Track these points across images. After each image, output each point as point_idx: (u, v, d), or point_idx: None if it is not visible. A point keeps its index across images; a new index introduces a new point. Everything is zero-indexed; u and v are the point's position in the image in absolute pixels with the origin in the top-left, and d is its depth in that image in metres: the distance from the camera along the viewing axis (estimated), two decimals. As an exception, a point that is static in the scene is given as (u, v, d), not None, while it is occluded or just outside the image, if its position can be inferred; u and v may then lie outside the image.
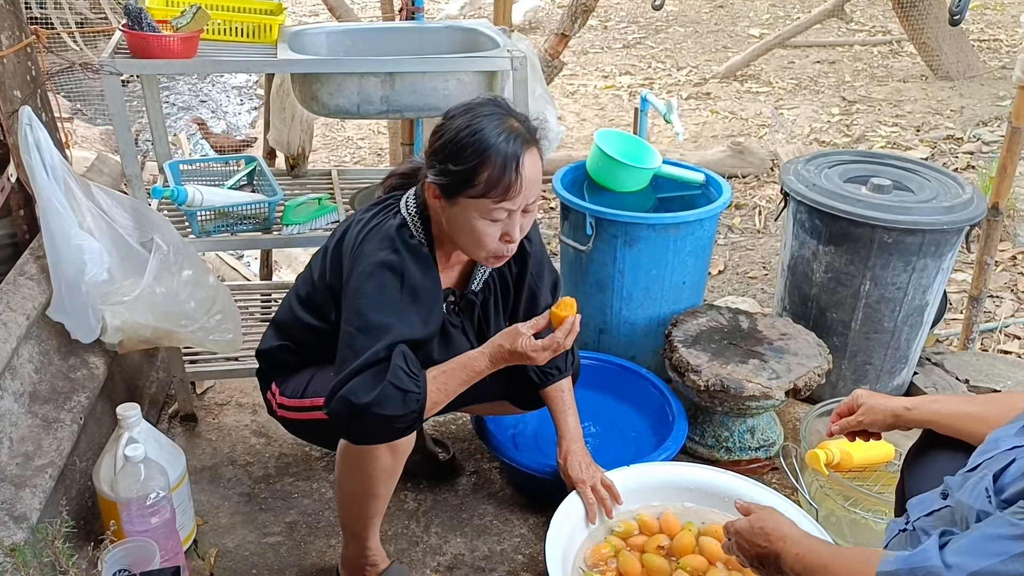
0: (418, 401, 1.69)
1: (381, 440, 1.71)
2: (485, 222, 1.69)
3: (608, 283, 2.69)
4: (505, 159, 1.64)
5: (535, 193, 1.72)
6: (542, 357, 1.80)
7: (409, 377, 1.66)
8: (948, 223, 2.42)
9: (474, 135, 1.64)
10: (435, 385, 1.74)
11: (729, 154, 5.30)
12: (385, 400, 1.64)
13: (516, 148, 1.65)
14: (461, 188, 1.67)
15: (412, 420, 1.70)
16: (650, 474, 2.13)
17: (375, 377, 1.65)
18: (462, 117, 1.68)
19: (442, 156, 1.68)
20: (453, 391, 1.80)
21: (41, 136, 2.06)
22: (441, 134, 1.69)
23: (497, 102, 1.73)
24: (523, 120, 1.72)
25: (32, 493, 1.87)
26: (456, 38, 2.61)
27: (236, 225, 2.39)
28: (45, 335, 2.17)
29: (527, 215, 1.74)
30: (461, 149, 1.65)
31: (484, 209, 1.67)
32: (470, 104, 1.71)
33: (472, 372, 1.81)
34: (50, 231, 2.07)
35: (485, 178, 1.64)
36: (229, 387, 2.79)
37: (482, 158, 1.63)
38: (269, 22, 2.38)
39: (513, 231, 1.72)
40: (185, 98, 7.31)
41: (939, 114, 6.18)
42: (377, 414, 1.64)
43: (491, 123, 1.66)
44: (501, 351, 1.80)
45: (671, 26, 9.17)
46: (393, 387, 1.64)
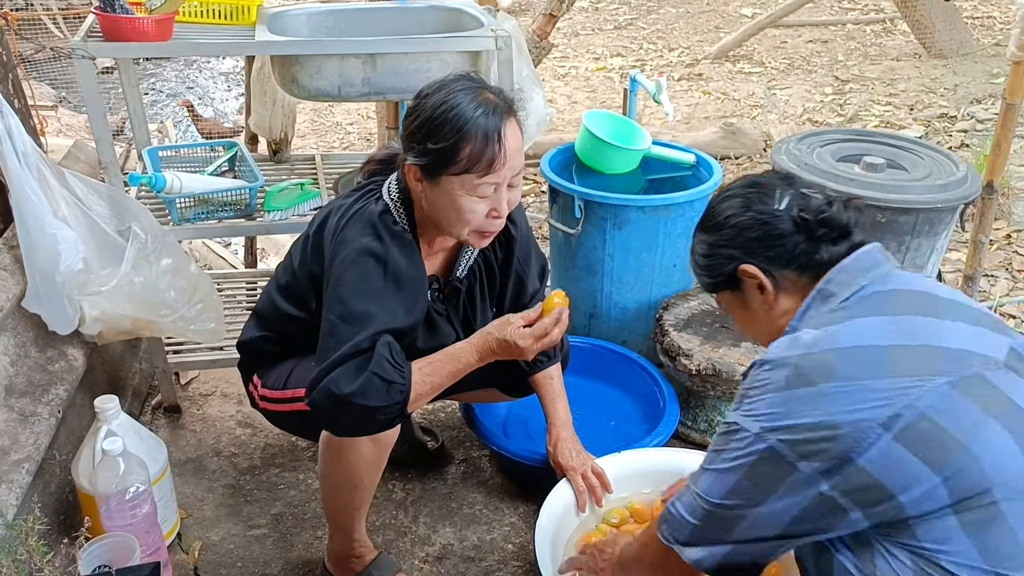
0: (402, 392, 1.64)
1: (364, 432, 1.67)
2: (472, 199, 1.64)
3: (598, 267, 2.65)
4: (486, 132, 1.59)
5: (519, 164, 1.67)
6: (531, 347, 1.75)
7: (394, 368, 1.62)
8: (942, 201, 2.38)
9: (451, 111, 1.59)
10: (420, 377, 1.70)
11: (721, 135, 5.25)
12: (369, 390, 1.59)
13: (496, 120, 1.60)
14: (443, 166, 1.62)
15: (395, 412, 1.66)
16: (641, 460, 2.09)
17: (358, 367, 1.60)
18: (436, 94, 1.63)
19: (420, 136, 1.63)
20: (439, 384, 1.75)
21: (12, 123, 2.00)
22: (416, 114, 1.64)
23: (470, 76, 1.69)
24: (498, 92, 1.67)
25: (8, 488, 1.82)
26: (440, 18, 2.55)
27: (217, 212, 2.34)
28: (21, 327, 2.12)
29: (513, 189, 1.70)
30: (439, 126, 1.60)
31: (469, 185, 1.62)
32: (442, 81, 1.66)
33: (459, 364, 1.76)
34: (23, 220, 2.02)
35: (467, 153, 1.59)
36: (214, 377, 2.75)
37: (462, 133, 1.59)
38: (247, 3, 2.32)
39: (500, 206, 1.68)
40: (172, 85, 7.24)
41: (933, 92, 6.13)
42: (360, 405, 1.59)
43: (466, 97, 1.61)
44: (489, 341, 1.76)
45: (663, 7, 9.10)
46: (377, 377, 1.60)
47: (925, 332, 1.24)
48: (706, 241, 1.48)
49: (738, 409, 1.30)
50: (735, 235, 1.42)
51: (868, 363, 1.20)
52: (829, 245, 1.37)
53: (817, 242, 1.37)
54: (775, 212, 1.40)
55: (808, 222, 1.37)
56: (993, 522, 1.14)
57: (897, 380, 1.18)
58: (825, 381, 1.20)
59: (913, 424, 1.15)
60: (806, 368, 1.23)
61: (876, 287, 1.32)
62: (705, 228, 1.49)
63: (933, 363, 1.19)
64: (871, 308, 1.29)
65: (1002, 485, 1.14)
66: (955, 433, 1.14)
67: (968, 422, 1.15)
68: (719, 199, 1.48)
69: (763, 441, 1.23)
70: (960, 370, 1.19)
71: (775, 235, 1.39)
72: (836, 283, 1.34)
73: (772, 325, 1.43)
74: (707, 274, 1.50)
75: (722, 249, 1.44)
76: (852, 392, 1.18)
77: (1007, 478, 1.14)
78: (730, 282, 1.46)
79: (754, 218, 1.41)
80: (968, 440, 1.14)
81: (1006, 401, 1.18)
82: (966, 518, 1.14)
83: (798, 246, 1.38)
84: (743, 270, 1.42)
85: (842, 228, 1.38)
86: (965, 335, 1.24)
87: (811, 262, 1.37)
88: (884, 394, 1.17)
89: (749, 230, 1.41)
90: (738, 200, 1.44)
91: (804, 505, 1.22)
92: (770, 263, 1.40)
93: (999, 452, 1.15)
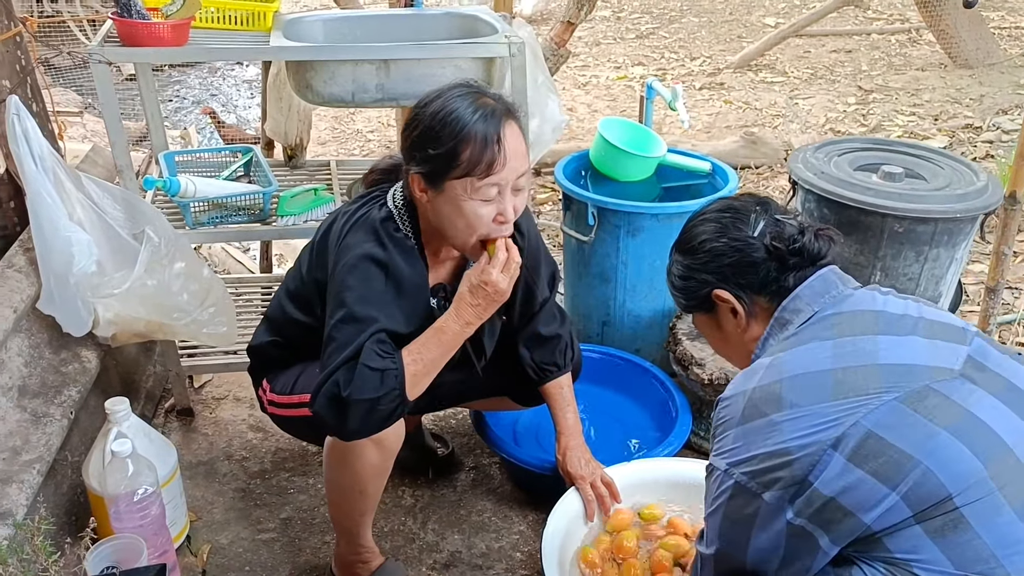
0: (396, 377, 1.62)
1: (371, 429, 1.65)
2: (476, 203, 1.63)
3: (611, 274, 2.63)
4: (485, 133, 1.59)
5: (522, 166, 1.66)
6: (498, 278, 1.67)
7: (381, 357, 1.61)
8: (961, 211, 2.34)
9: (449, 115, 1.60)
10: (411, 357, 1.66)
11: (742, 144, 5.21)
12: (362, 383, 1.58)
13: (494, 122, 1.60)
14: (445, 172, 1.61)
15: (395, 400, 1.63)
16: (652, 470, 2.07)
17: (353, 367, 1.60)
18: (434, 103, 1.64)
19: (420, 144, 1.63)
20: (431, 361, 1.70)
21: (29, 126, 2.03)
22: (416, 124, 1.65)
23: (468, 83, 1.69)
24: (497, 97, 1.67)
25: (19, 489, 1.84)
26: (454, 24, 2.55)
27: (231, 216, 2.36)
28: (36, 328, 2.14)
29: (518, 194, 1.69)
30: (438, 132, 1.60)
31: (472, 188, 1.62)
32: (440, 90, 1.67)
33: (446, 334, 1.70)
34: (39, 222, 2.04)
35: (467, 156, 1.59)
36: (227, 381, 2.76)
37: (460, 136, 1.59)
38: (263, 9, 2.34)
39: (506, 210, 1.66)
40: (196, 92, 7.31)
41: (958, 103, 6.05)
42: (357, 400, 1.59)
43: (464, 102, 1.61)
44: (463, 297, 1.70)
45: (685, 16, 9.07)
46: (367, 368, 1.59)
47: (870, 352, 1.26)
48: (682, 263, 1.51)
49: (712, 450, 1.34)
50: (709, 260, 1.45)
51: (814, 389, 1.24)
52: (797, 272, 1.40)
53: (787, 270, 1.40)
54: (749, 239, 1.42)
55: (780, 251, 1.40)
56: (957, 527, 1.15)
57: (842, 402, 1.20)
58: (775, 411, 1.24)
59: (862, 442, 1.18)
60: (757, 400, 1.27)
61: (827, 311, 1.35)
62: (681, 250, 1.52)
63: (879, 381, 1.21)
64: (818, 333, 1.32)
65: (961, 492, 1.15)
66: (904, 447, 1.16)
67: (917, 435, 1.17)
68: (695, 222, 1.50)
69: (730, 477, 1.27)
70: (907, 385, 1.21)
71: (748, 262, 1.42)
72: (790, 311, 1.38)
73: (744, 348, 1.46)
74: (682, 296, 1.53)
75: (697, 273, 1.47)
76: (800, 418, 1.21)
77: (965, 484, 1.15)
78: (704, 305, 1.49)
79: (728, 244, 1.43)
80: (918, 452, 1.16)
81: (958, 409, 1.19)
82: (930, 526, 1.16)
83: (770, 273, 1.41)
84: (717, 295, 1.45)
85: (813, 257, 1.40)
86: (916, 350, 1.26)
87: (781, 289, 1.40)
88: (831, 417, 1.20)
89: (723, 256, 1.43)
90: (713, 225, 1.46)
91: (781, 540, 1.24)
92: (743, 289, 1.43)
93: (952, 460, 1.16)
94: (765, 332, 1.40)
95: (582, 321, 2.80)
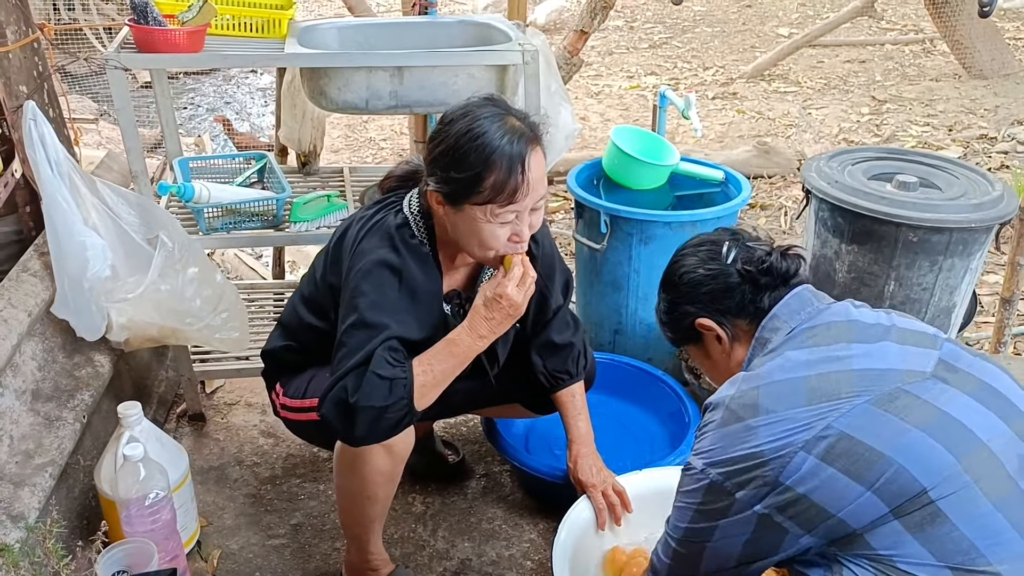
0: (405, 387, 1.62)
1: (377, 436, 1.65)
2: (493, 226, 1.63)
3: (623, 282, 2.63)
4: (511, 162, 1.57)
5: (542, 191, 1.66)
6: (513, 292, 1.67)
7: (391, 365, 1.61)
8: (976, 221, 2.32)
9: (476, 140, 1.57)
10: (420, 367, 1.66)
11: (755, 154, 5.20)
12: (371, 391, 1.58)
13: (520, 149, 1.58)
14: (466, 196, 1.60)
15: (403, 410, 1.63)
16: (664, 479, 2.05)
17: (362, 373, 1.60)
18: (461, 121, 1.60)
19: (443, 164, 1.61)
20: (441, 373, 1.69)
21: (46, 131, 2.04)
22: (440, 140, 1.62)
23: (495, 101, 1.66)
24: (523, 118, 1.65)
25: (31, 492, 1.84)
26: (468, 32, 2.56)
27: (244, 222, 2.36)
28: (49, 332, 2.15)
29: (535, 213, 1.68)
30: (463, 156, 1.58)
31: (491, 214, 1.61)
32: (467, 106, 1.64)
33: (459, 346, 1.69)
34: (54, 227, 2.05)
35: (490, 184, 1.58)
36: (239, 387, 2.76)
37: (486, 164, 1.57)
38: (278, 17, 2.35)
39: (523, 231, 1.67)
40: (210, 100, 7.35)
41: (972, 113, 6.03)
42: (364, 407, 1.58)
43: (492, 125, 1.59)
44: (477, 311, 1.70)
45: (698, 26, 9.08)
46: (376, 376, 1.59)
47: (843, 358, 1.31)
48: (666, 299, 1.60)
49: (692, 451, 1.40)
50: (690, 291, 1.53)
51: (788, 395, 1.29)
52: (771, 292, 1.47)
53: (760, 290, 1.47)
54: (724, 267, 1.51)
55: (751, 272, 1.47)
56: (935, 520, 1.19)
57: (816, 407, 1.26)
58: (752, 416, 1.30)
59: (834, 443, 1.22)
60: (735, 406, 1.33)
61: (803, 326, 1.41)
62: (665, 287, 1.61)
63: (851, 385, 1.27)
64: (795, 345, 1.38)
65: (935, 486, 1.19)
66: (875, 445, 1.21)
67: (887, 433, 1.22)
68: (676, 259, 1.59)
69: (706, 476, 1.33)
70: (879, 388, 1.26)
71: (724, 288, 1.50)
72: (768, 329, 1.44)
73: (732, 372, 1.50)
74: (669, 329, 1.62)
75: (680, 305, 1.55)
76: (774, 423, 1.27)
77: (939, 478, 1.19)
78: (691, 335, 1.57)
79: (704, 274, 1.52)
80: (888, 449, 1.21)
81: (929, 408, 1.24)
82: (908, 521, 1.20)
83: (746, 296, 1.48)
84: (700, 323, 1.53)
85: (782, 275, 1.47)
86: (888, 355, 1.32)
87: (758, 310, 1.47)
88: (804, 421, 1.25)
89: (701, 285, 1.52)
90: (692, 259, 1.55)
91: (748, 529, 1.30)
92: (723, 315, 1.51)
93: (924, 457, 1.20)
94: (748, 353, 1.47)
95: (594, 329, 2.80)
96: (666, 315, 1.61)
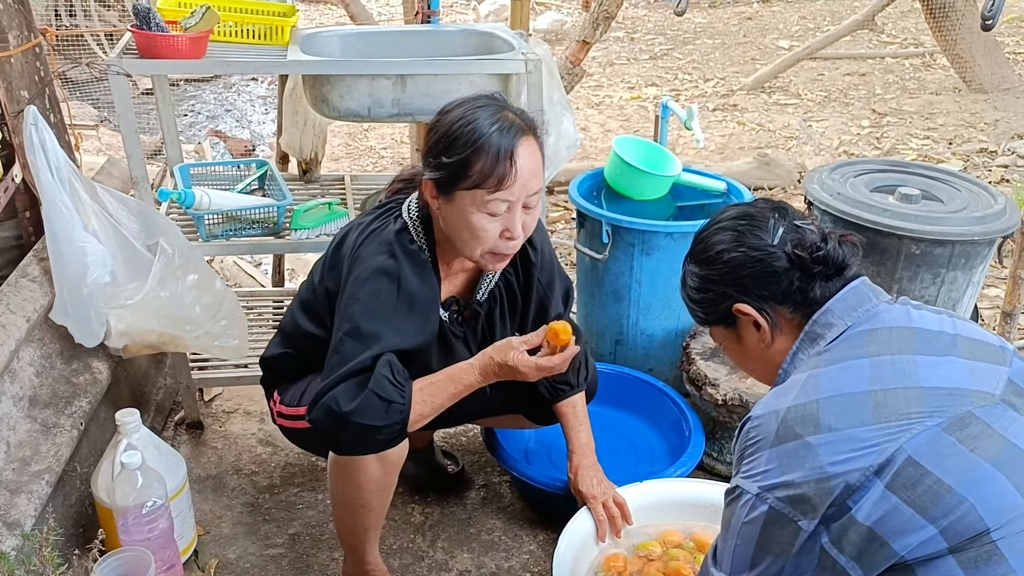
0: (402, 412, 1.63)
1: (364, 451, 1.65)
2: (483, 216, 1.63)
3: (625, 293, 2.62)
4: (499, 148, 1.58)
5: (535, 185, 1.65)
6: (534, 375, 1.74)
7: (394, 387, 1.61)
8: (979, 234, 2.32)
9: (467, 125, 1.59)
10: (421, 397, 1.68)
11: (756, 166, 5.20)
12: (367, 409, 1.58)
13: (510, 137, 1.60)
14: (456, 181, 1.61)
15: (395, 432, 1.64)
16: (664, 491, 2.04)
17: (359, 385, 1.59)
18: (456, 110, 1.64)
19: (436, 150, 1.63)
20: (440, 404, 1.73)
21: (47, 137, 2.03)
22: (435, 129, 1.65)
23: (494, 96, 1.69)
24: (519, 112, 1.67)
25: (27, 499, 1.83)
26: (471, 41, 2.56)
27: (245, 229, 2.35)
28: (48, 338, 2.14)
29: (529, 211, 1.68)
30: (454, 141, 1.60)
31: (480, 202, 1.61)
32: (465, 98, 1.67)
33: (461, 385, 1.75)
34: (53, 232, 2.04)
35: (479, 168, 1.59)
36: (237, 395, 2.75)
37: (475, 147, 1.58)
38: (280, 24, 2.35)
39: (514, 227, 1.66)
40: (211, 107, 7.35)
41: (972, 127, 6.04)
42: (358, 423, 1.58)
43: (484, 113, 1.61)
44: (491, 364, 1.74)
45: (699, 38, 9.10)
46: (376, 396, 1.58)
47: (910, 373, 1.20)
48: (698, 275, 1.43)
49: (738, 472, 1.27)
50: (728, 271, 1.37)
51: (852, 411, 1.18)
52: (823, 282, 1.33)
53: (812, 279, 1.33)
54: (769, 248, 1.35)
55: (803, 259, 1.32)
56: (990, 560, 1.10)
57: (884, 426, 1.15)
58: (812, 433, 1.18)
59: (902, 470, 1.12)
60: (791, 421, 1.21)
61: (861, 326, 1.28)
62: (696, 260, 1.44)
63: (920, 404, 1.16)
64: (853, 350, 1.25)
65: (1000, 526, 1.10)
66: (944, 477, 1.12)
67: (957, 466, 1.12)
68: (710, 230, 1.43)
69: (763, 502, 1.20)
70: (949, 410, 1.15)
71: (769, 273, 1.34)
72: (821, 324, 1.31)
73: (769, 363, 1.40)
74: (700, 309, 1.46)
75: (715, 286, 1.39)
76: (838, 442, 1.16)
77: (1005, 519, 1.11)
78: (724, 319, 1.42)
79: (747, 254, 1.35)
80: (960, 485, 1.11)
81: (999, 440, 1.14)
82: (963, 557, 1.11)
83: (793, 284, 1.33)
84: (738, 309, 1.37)
85: (838, 265, 1.33)
86: (957, 371, 1.21)
87: (805, 300, 1.33)
88: (871, 441, 1.14)
89: (743, 267, 1.36)
90: (729, 233, 1.38)
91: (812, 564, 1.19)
92: (765, 301, 1.36)
93: (994, 495, 1.11)
94: (794, 346, 1.34)
95: (595, 339, 2.78)
96: (696, 292, 1.43)
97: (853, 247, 1.35)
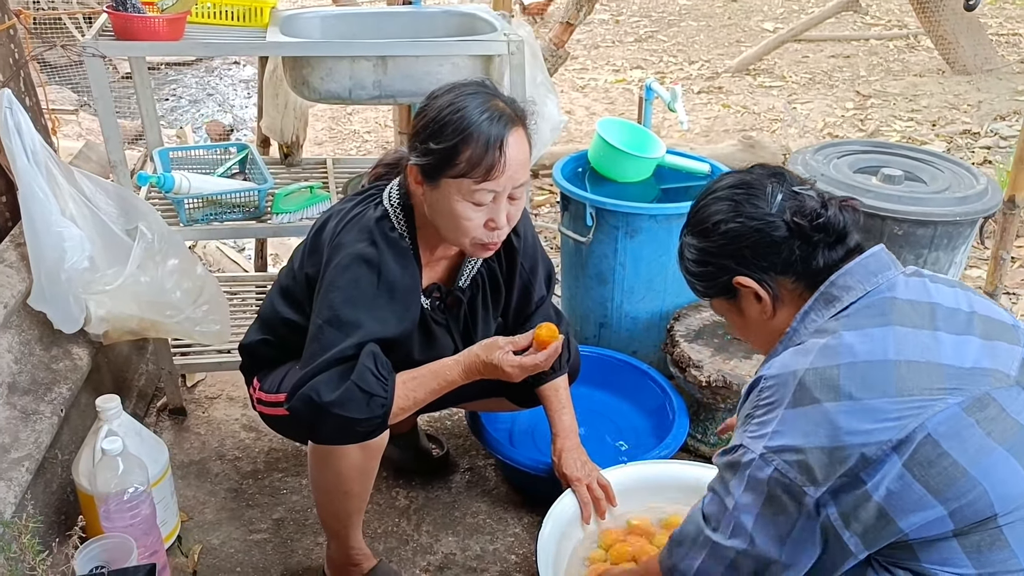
0: (383, 406, 1.62)
1: (343, 441, 1.65)
2: (468, 205, 1.61)
3: (609, 275, 2.61)
4: (488, 138, 1.57)
5: (521, 176, 1.64)
6: (517, 375, 1.74)
7: (376, 380, 1.60)
8: (961, 214, 2.33)
9: (456, 113, 1.57)
10: (403, 391, 1.68)
11: (740, 148, 5.19)
12: (348, 401, 1.57)
13: (500, 127, 1.58)
14: (443, 168, 1.59)
15: (376, 424, 1.64)
16: (648, 472, 2.05)
17: (340, 376, 1.58)
18: (445, 96, 1.61)
19: (424, 136, 1.61)
20: (423, 399, 1.73)
21: (22, 119, 2.00)
22: (424, 114, 1.63)
23: (483, 83, 1.67)
24: (510, 102, 1.65)
25: (7, 486, 1.81)
26: (453, 23, 2.54)
27: (225, 214, 2.33)
28: (26, 325, 2.11)
29: (514, 202, 1.67)
30: (443, 127, 1.58)
31: (466, 191, 1.60)
32: (454, 84, 1.65)
33: (444, 381, 1.75)
34: (30, 217, 2.01)
35: (467, 157, 1.57)
36: (220, 380, 2.73)
37: (464, 136, 1.56)
38: (260, 5, 2.32)
39: (499, 217, 1.65)
40: (192, 91, 7.28)
41: (956, 108, 6.05)
42: (338, 415, 1.58)
43: (474, 101, 1.59)
44: (476, 361, 1.74)
45: (684, 20, 9.07)
46: (358, 389, 1.58)
47: (931, 347, 1.17)
48: (695, 247, 1.39)
49: (744, 431, 1.24)
50: (726, 243, 1.33)
51: (874, 380, 1.15)
52: (825, 250, 1.30)
53: (813, 247, 1.29)
54: (768, 217, 1.31)
55: (803, 227, 1.28)
56: (993, 545, 1.12)
57: (905, 400, 1.12)
58: (830, 399, 1.15)
59: (920, 447, 1.11)
60: (810, 383, 1.18)
61: (881, 293, 1.25)
62: (694, 232, 1.40)
63: (942, 381, 1.14)
64: (875, 317, 1.22)
65: (1007, 512, 1.11)
66: (959, 459, 1.11)
67: (974, 448, 1.11)
68: (706, 200, 1.39)
69: (768, 463, 1.18)
70: (969, 389, 1.14)
71: (769, 243, 1.30)
72: (839, 287, 1.27)
73: (771, 332, 1.37)
74: (699, 282, 1.42)
75: (714, 258, 1.36)
76: (858, 412, 1.13)
77: (1013, 505, 1.11)
78: (725, 291, 1.39)
79: (745, 224, 1.31)
80: (973, 468, 1.10)
81: (1012, 424, 1.14)
82: (967, 540, 1.12)
83: (794, 253, 1.30)
84: (738, 281, 1.34)
85: (838, 232, 1.29)
86: (976, 351, 1.19)
87: (808, 270, 1.30)
88: (894, 415, 1.12)
89: (742, 239, 1.32)
90: (726, 203, 1.34)
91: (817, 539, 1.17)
92: (765, 272, 1.32)
93: (1005, 481, 1.11)
94: (807, 306, 1.29)
95: (579, 322, 2.78)
96: (695, 264, 1.40)
97: (854, 212, 1.32)
